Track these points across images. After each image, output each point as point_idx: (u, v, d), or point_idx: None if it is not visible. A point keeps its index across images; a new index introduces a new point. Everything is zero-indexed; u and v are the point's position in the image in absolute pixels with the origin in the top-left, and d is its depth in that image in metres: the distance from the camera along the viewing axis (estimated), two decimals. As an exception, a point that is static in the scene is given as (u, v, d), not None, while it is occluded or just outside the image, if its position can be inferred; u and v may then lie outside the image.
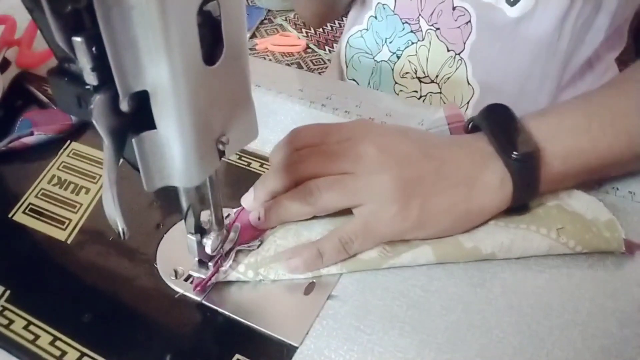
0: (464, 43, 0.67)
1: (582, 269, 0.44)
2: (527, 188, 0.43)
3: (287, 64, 1.91)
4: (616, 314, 0.41)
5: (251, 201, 0.46)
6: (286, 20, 2.06)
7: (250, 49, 1.87)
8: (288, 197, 0.44)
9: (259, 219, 0.45)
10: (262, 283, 0.43)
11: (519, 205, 0.44)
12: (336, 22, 1.77)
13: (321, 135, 0.46)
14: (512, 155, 0.42)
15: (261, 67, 0.66)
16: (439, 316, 0.41)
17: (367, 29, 0.76)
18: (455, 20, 0.66)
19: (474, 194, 0.43)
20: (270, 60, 1.88)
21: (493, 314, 0.41)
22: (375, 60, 0.77)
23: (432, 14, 0.68)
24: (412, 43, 0.72)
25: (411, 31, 0.72)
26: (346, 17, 0.82)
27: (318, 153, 0.44)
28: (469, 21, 0.65)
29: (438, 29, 0.69)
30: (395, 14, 0.72)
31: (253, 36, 1.96)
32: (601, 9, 0.61)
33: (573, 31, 0.62)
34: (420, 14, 0.70)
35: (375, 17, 0.74)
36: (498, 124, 0.44)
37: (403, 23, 0.72)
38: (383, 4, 0.72)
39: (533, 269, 0.44)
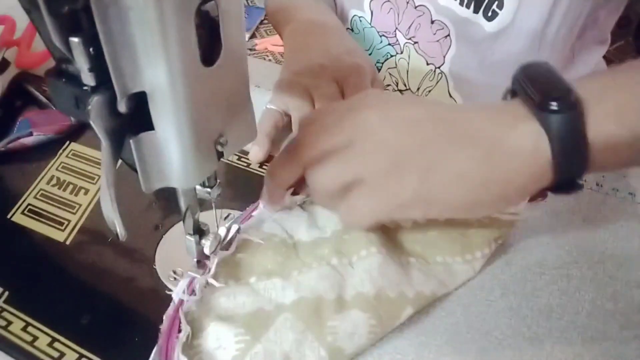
0: (444, 57, 0.67)
1: (582, 271, 0.44)
2: (573, 154, 0.34)
3: (287, 65, 1.90)
4: (616, 315, 0.41)
5: (268, 201, 0.44)
6: (286, 20, 2.05)
7: (250, 49, 1.87)
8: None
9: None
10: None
11: (565, 182, 0.35)
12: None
13: (330, 111, 0.41)
14: (550, 107, 0.33)
15: (261, 67, 0.66)
16: (439, 318, 0.41)
17: None
18: (434, 34, 0.66)
19: (496, 159, 0.35)
20: (270, 60, 1.88)
21: (492, 316, 0.41)
22: None
23: (409, 27, 0.67)
24: (391, 55, 0.72)
25: (389, 44, 0.71)
26: None
27: (315, 128, 0.39)
28: (448, 35, 0.65)
29: (416, 42, 0.68)
30: (372, 27, 0.71)
31: (253, 36, 1.96)
32: (582, 12, 0.61)
33: (554, 41, 0.61)
34: (397, 28, 0.69)
35: (352, 30, 0.73)
36: (535, 76, 0.36)
37: (380, 36, 0.71)
38: (360, 17, 0.72)
39: (533, 270, 0.44)
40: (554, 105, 0.33)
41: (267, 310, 0.38)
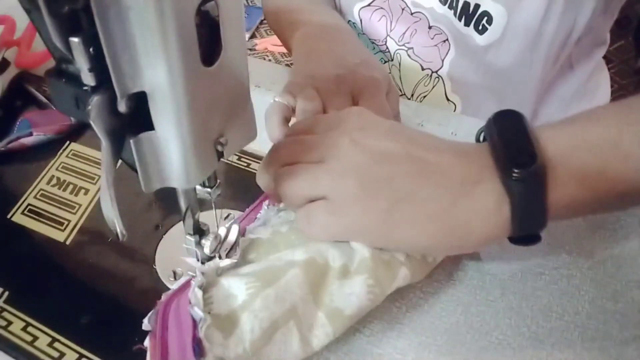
0: (442, 60, 0.67)
1: (582, 271, 0.44)
2: (531, 215, 0.35)
3: (287, 64, 1.90)
4: (616, 316, 0.41)
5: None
6: (286, 20, 2.05)
7: (250, 49, 1.87)
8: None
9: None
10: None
11: (525, 235, 0.37)
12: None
13: (313, 123, 0.42)
14: (513, 174, 0.34)
15: (261, 67, 0.66)
16: (438, 318, 0.41)
17: None
18: (432, 39, 0.66)
19: (461, 209, 0.36)
20: (270, 60, 1.88)
21: (492, 316, 0.41)
22: None
23: (404, 33, 0.67)
24: (385, 62, 0.72)
25: (380, 51, 0.71)
26: None
27: (296, 142, 0.40)
28: (447, 39, 0.65)
29: (411, 48, 0.68)
30: (364, 34, 0.71)
31: (253, 36, 1.96)
32: (574, 28, 0.60)
33: (548, 53, 0.61)
34: (388, 35, 0.69)
35: None
36: (505, 133, 0.36)
37: (372, 43, 0.71)
38: (353, 22, 0.72)
39: (533, 270, 0.44)
40: (516, 173, 0.34)
41: (277, 265, 0.38)
